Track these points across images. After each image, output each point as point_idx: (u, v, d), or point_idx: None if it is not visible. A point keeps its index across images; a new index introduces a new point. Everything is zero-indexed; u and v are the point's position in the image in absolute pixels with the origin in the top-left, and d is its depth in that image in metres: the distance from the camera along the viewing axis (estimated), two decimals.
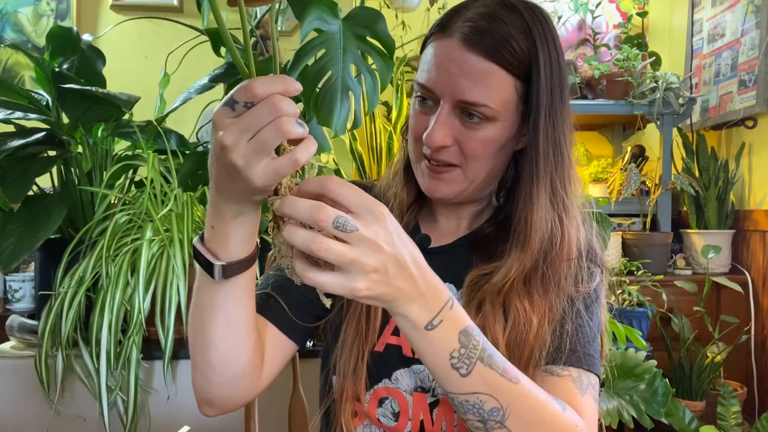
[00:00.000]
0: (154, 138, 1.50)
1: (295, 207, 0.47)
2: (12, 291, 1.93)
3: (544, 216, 0.72)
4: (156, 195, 1.35)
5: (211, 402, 0.73)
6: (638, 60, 2.44)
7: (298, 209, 0.47)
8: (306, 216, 0.47)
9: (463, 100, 0.70)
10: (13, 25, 2.53)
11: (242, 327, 0.66)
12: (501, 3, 0.72)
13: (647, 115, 2.38)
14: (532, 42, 0.71)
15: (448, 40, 0.71)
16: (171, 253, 1.26)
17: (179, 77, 1.82)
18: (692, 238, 2.34)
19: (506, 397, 0.58)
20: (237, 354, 0.67)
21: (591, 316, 0.75)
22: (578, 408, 0.66)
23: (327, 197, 0.48)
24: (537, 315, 0.71)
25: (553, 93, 0.72)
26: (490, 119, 0.71)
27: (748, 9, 2.28)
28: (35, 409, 1.30)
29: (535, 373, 0.70)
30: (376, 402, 0.77)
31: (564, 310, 0.73)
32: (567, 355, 0.71)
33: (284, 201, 0.48)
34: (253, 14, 1.81)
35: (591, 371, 0.72)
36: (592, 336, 0.75)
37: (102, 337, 1.21)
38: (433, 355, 0.55)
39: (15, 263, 1.27)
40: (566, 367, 0.71)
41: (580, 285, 0.75)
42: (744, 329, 2.09)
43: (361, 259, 0.48)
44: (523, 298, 0.72)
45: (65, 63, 1.50)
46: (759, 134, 2.27)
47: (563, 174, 0.74)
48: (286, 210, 0.48)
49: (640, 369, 1.65)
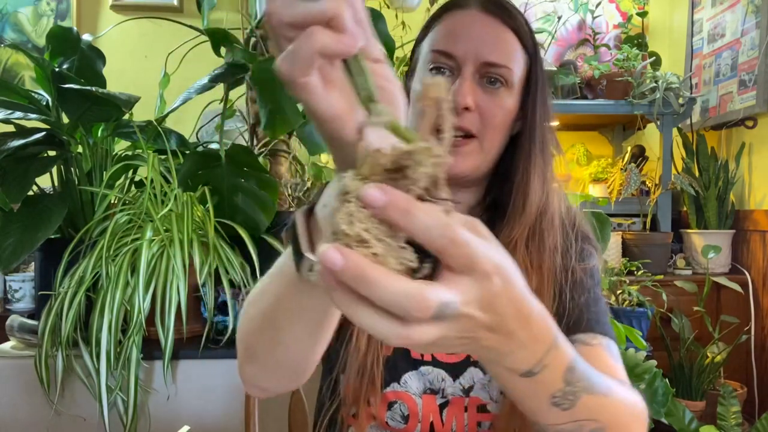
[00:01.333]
0: (154, 138, 1.50)
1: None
2: (12, 291, 1.93)
3: (539, 187, 0.77)
4: (156, 195, 1.35)
5: (265, 389, 0.68)
6: (638, 60, 2.44)
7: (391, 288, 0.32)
8: (402, 301, 0.32)
9: (487, 61, 0.73)
10: (13, 25, 2.53)
11: (324, 333, 0.57)
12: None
13: (647, 115, 2.38)
14: (531, 29, 0.78)
15: (466, 10, 0.76)
16: (171, 253, 1.26)
17: (179, 77, 1.82)
18: (692, 238, 2.34)
19: (605, 415, 0.53)
20: (310, 356, 0.61)
21: (598, 288, 0.78)
22: (621, 379, 0.66)
23: (438, 248, 0.34)
24: (538, 275, 0.74)
25: (544, 77, 0.79)
26: (509, 85, 0.75)
27: (748, 9, 2.28)
28: (35, 409, 1.30)
29: None
30: (385, 406, 0.77)
31: (573, 283, 0.76)
32: (589, 323, 0.72)
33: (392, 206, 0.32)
34: (253, 14, 1.81)
35: (613, 341, 0.73)
36: (604, 309, 0.77)
37: (102, 337, 1.21)
38: (531, 398, 0.47)
39: (15, 263, 1.27)
40: (593, 335, 0.71)
41: (580, 261, 0.78)
42: (744, 329, 2.09)
43: (448, 333, 0.35)
44: (526, 258, 0.75)
45: (65, 63, 1.51)
46: (759, 134, 2.27)
47: (548, 155, 0.80)
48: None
49: (640, 369, 1.65)
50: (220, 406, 1.33)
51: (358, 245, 0.32)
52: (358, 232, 0.32)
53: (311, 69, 0.38)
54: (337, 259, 0.31)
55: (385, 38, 1.43)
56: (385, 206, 0.32)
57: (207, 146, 1.69)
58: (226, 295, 1.33)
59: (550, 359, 0.44)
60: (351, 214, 0.32)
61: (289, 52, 0.37)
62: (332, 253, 0.31)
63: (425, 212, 0.32)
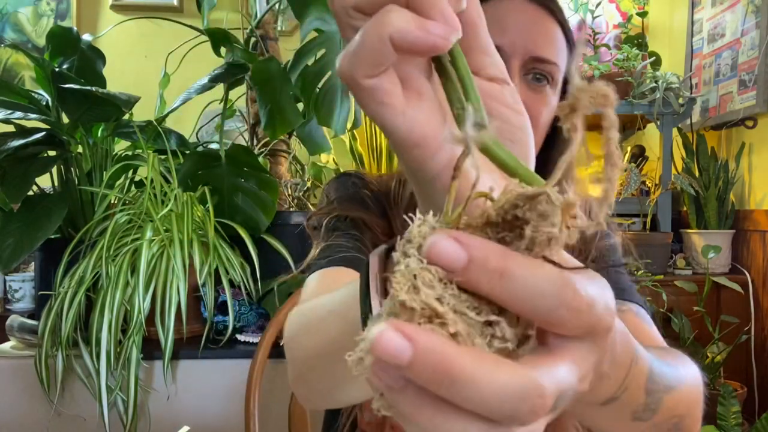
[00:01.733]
0: (154, 138, 1.50)
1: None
2: (12, 291, 1.93)
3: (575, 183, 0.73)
4: (156, 195, 1.35)
5: (316, 407, 0.66)
6: (638, 60, 2.44)
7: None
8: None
9: (537, 56, 0.67)
10: (13, 25, 2.53)
11: None
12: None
13: (647, 115, 2.38)
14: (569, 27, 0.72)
15: (510, 0, 0.69)
16: (171, 253, 1.26)
17: (179, 77, 1.82)
18: (692, 238, 2.34)
19: (682, 407, 0.48)
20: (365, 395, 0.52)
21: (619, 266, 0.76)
22: (660, 344, 0.62)
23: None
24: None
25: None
26: (553, 84, 0.69)
27: (748, 9, 2.28)
28: (35, 409, 1.30)
29: None
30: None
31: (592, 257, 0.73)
32: (619, 293, 0.68)
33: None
34: (253, 14, 1.81)
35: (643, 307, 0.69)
36: (628, 281, 0.73)
37: (102, 337, 1.21)
38: (612, 422, 0.42)
39: (15, 263, 1.27)
40: (623, 301, 0.68)
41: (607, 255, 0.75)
42: (744, 329, 2.09)
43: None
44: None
45: (65, 63, 1.51)
46: (759, 134, 2.27)
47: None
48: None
49: None
50: (220, 406, 1.33)
51: (426, 322, 0.21)
52: (427, 302, 0.21)
53: (381, 66, 0.27)
54: (401, 347, 0.20)
55: None
56: (467, 265, 0.22)
57: (207, 146, 1.69)
58: (226, 295, 1.33)
59: (631, 378, 0.37)
60: (414, 276, 0.22)
61: (351, 44, 0.27)
62: (391, 336, 0.20)
63: (532, 271, 0.22)
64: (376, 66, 0.27)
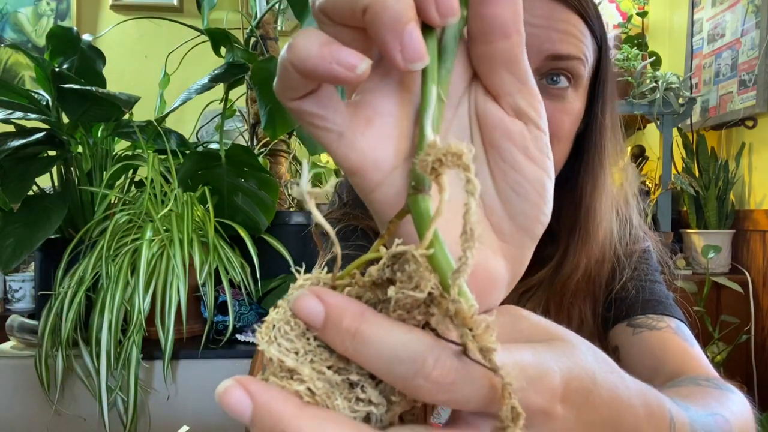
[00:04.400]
0: (154, 138, 1.50)
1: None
2: (12, 291, 1.93)
3: (610, 204, 0.64)
4: (156, 195, 1.35)
5: None
6: (638, 60, 2.44)
7: None
8: None
9: (555, 53, 0.58)
10: (13, 25, 2.53)
11: None
12: None
13: (647, 115, 2.38)
14: (598, 11, 0.64)
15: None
16: (171, 253, 1.26)
17: (179, 77, 1.82)
18: (692, 238, 2.34)
19: None
20: None
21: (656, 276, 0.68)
22: (703, 368, 0.55)
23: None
24: (587, 325, 0.63)
25: (614, 71, 0.65)
26: (576, 82, 0.60)
27: (748, 9, 2.28)
28: (35, 409, 1.30)
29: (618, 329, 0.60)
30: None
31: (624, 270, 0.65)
32: (650, 304, 0.62)
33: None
34: (253, 14, 1.81)
35: (683, 323, 0.61)
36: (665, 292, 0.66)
37: (102, 337, 1.21)
38: None
39: (15, 263, 1.27)
40: (658, 316, 0.61)
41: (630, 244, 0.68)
42: (744, 329, 2.09)
43: None
44: (587, 299, 0.63)
45: (65, 63, 1.51)
46: (759, 134, 2.27)
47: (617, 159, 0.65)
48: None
49: None
50: (220, 406, 1.33)
51: (287, 377, 0.21)
52: (278, 355, 0.21)
53: (297, 90, 0.24)
54: (242, 404, 0.21)
55: None
56: (324, 323, 0.21)
57: (207, 146, 1.69)
58: (226, 295, 1.33)
59: None
60: (273, 326, 0.21)
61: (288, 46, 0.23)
62: (233, 392, 0.21)
63: (388, 335, 0.21)
64: (292, 89, 0.24)
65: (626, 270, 0.65)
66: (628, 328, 0.60)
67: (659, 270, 0.69)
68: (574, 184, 0.63)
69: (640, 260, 0.67)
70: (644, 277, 0.65)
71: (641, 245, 0.69)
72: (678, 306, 0.64)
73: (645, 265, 0.67)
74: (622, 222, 0.67)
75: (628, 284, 0.63)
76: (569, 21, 0.60)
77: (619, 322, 0.61)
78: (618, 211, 0.66)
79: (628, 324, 0.60)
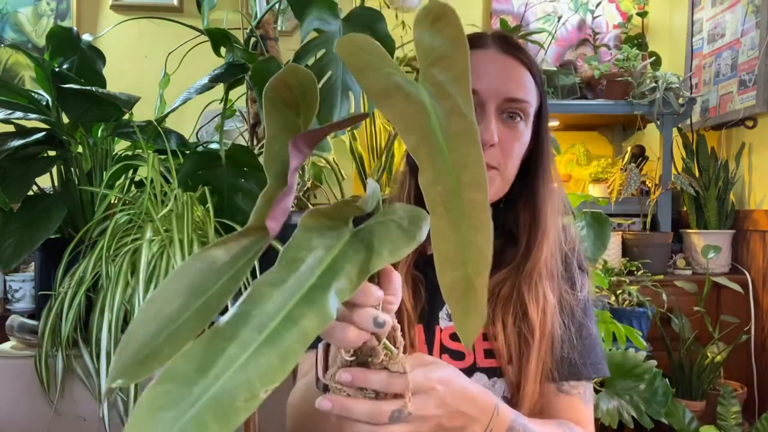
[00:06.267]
0: (154, 138, 1.50)
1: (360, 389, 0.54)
2: (12, 291, 1.93)
3: (556, 211, 0.85)
4: (156, 195, 1.35)
5: None
6: (638, 60, 2.44)
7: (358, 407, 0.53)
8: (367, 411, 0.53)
9: (511, 97, 0.79)
10: (13, 25, 2.53)
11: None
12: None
13: (647, 115, 2.38)
14: (538, 66, 0.85)
15: (485, 50, 0.82)
16: (171, 253, 1.26)
17: (179, 77, 1.82)
18: (692, 238, 2.34)
19: None
20: None
21: (591, 321, 0.86)
22: (584, 420, 0.79)
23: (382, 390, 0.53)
24: (551, 305, 0.81)
25: (547, 111, 0.88)
26: (526, 119, 0.82)
27: (748, 9, 2.28)
28: (35, 409, 1.30)
29: (548, 387, 0.81)
30: None
31: (566, 322, 0.83)
32: (579, 369, 0.81)
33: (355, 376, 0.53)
34: (253, 14, 1.81)
35: (598, 376, 0.83)
36: (597, 342, 0.85)
37: (102, 337, 1.21)
38: None
39: (15, 263, 1.26)
40: (578, 382, 0.81)
41: (577, 292, 0.85)
42: (744, 329, 2.09)
43: (418, 428, 0.56)
44: (548, 282, 0.82)
45: (65, 63, 1.50)
46: (759, 134, 2.27)
47: (552, 181, 0.87)
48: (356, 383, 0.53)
49: (640, 369, 1.65)
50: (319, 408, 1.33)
51: (339, 391, 0.53)
52: (339, 387, 0.53)
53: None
54: (326, 404, 0.53)
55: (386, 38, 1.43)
56: (350, 382, 0.52)
57: (207, 146, 1.69)
58: None
59: (494, 424, 0.63)
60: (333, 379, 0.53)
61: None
62: (323, 402, 0.53)
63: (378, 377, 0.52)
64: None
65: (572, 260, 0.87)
66: (555, 389, 0.81)
67: (591, 314, 0.87)
68: (530, 197, 0.85)
69: (583, 310, 0.86)
70: (580, 336, 0.83)
71: (582, 293, 0.87)
72: (600, 356, 0.84)
73: (584, 317, 0.85)
74: (565, 226, 0.89)
75: (568, 344, 0.82)
76: (521, 73, 0.82)
77: (552, 382, 0.81)
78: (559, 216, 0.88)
79: (556, 387, 0.81)
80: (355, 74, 0.35)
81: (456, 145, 0.34)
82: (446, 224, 0.34)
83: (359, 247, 0.37)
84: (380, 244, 0.37)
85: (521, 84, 0.81)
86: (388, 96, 0.35)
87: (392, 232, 0.37)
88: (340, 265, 0.36)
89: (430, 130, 0.34)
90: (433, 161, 0.34)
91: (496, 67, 0.80)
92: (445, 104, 0.35)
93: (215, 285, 0.35)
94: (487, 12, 2.79)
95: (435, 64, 0.35)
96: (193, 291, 0.34)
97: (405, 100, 0.35)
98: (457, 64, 0.36)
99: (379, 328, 0.47)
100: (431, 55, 0.36)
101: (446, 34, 0.35)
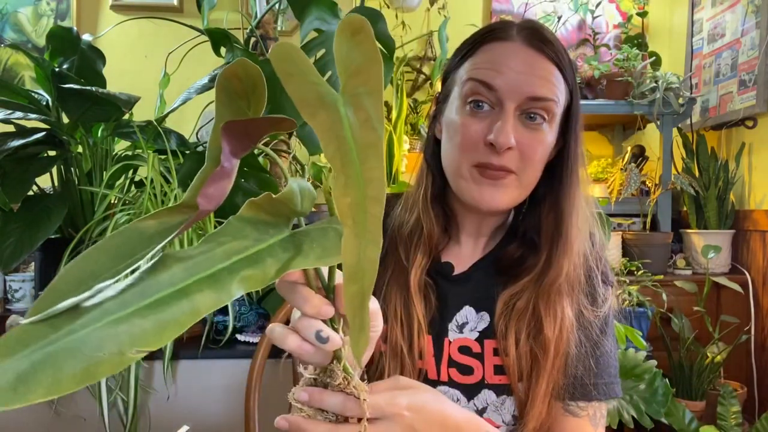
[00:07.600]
0: (154, 138, 1.50)
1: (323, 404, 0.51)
2: (12, 291, 1.93)
3: (584, 219, 0.78)
4: (156, 195, 1.35)
5: None
6: (638, 60, 2.44)
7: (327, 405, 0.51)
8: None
9: (534, 96, 0.72)
10: (13, 25, 2.53)
11: None
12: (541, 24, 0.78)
13: (647, 115, 2.38)
14: (572, 62, 0.77)
15: (508, 43, 0.74)
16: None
17: (179, 77, 1.82)
18: (692, 238, 2.34)
19: None
20: None
21: (608, 338, 0.79)
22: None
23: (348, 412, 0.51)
24: (568, 322, 0.75)
25: (580, 110, 0.79)
26: (550, 119, 0.74)
27: (748, 9, 2.28)
28: (35, 409, 1.30)
29: (555, 405, 0.76)
30: None
31: (582, 340, 0.76)
32: (590, 390, 0.75)
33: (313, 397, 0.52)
34: (253, 14, 1.81)
35: (609, 398, 0.77)
36: (612, 360, 0.79)
37: None
38: None
39: (15, 263, 1.27)
40: (587, 403, 0.76)
41: (598, 308, 0.79)
42: (744, 329, 2.09)
43: None
44: (567, 298, 0.76)
45: (65, 63, 1.51)
46: (759, 134, 2.27)
47: (586, 183, 0.80)
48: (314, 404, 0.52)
49: (640, 369, 1.65)
50: (220, 406, 1.33)
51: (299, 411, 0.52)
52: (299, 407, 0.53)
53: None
54: (283, 424, 0.52)
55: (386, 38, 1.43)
56: (307, 401, 0.51)
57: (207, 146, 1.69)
58: None
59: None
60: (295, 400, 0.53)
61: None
62: (280, 421, 0.53)
63: (334, 399, 0.50)
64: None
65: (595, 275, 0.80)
66: (562, 408, 0.76)
67: (612, 331, 0.81)
68: (554, 203, 0.77)
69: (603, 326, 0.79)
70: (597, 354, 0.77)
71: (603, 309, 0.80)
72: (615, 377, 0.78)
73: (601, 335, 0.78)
74: (591, 235, 0.81)
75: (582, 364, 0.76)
76: (547, 69, 0.73)
77: (560, 401, 0.76)
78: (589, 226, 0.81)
79: (563, 406, 0.76)
80: (283, 79, 0.37)
81: (365, 157, 0.36)
82: (353, 237, 0.35)
83: (289, 246, 0.38)
84: (310, 248, 0.38)
85: (546, 81, 0.72)
86: (310, 104, 0.36)
87: (329, 239, 0.39)
88: (262, 258, 0.37)
89: (345, 141, 0.36)
90: (347, 172, 0.35)
91: (519, 61, 0.72)
92: (359, 116, 0.36)
93: (142, 252, 0.36)
94: (487, 12, 2.79)
95: (353, 76, 0.36)
96: (121, 254, 0.36)
97: (325, 110, 0.36)
98: (371, 79, 0.36)
99: (322, 343, 0.45)
100: (350, 68, 0.37)
101: (363, 49, 0.36)
